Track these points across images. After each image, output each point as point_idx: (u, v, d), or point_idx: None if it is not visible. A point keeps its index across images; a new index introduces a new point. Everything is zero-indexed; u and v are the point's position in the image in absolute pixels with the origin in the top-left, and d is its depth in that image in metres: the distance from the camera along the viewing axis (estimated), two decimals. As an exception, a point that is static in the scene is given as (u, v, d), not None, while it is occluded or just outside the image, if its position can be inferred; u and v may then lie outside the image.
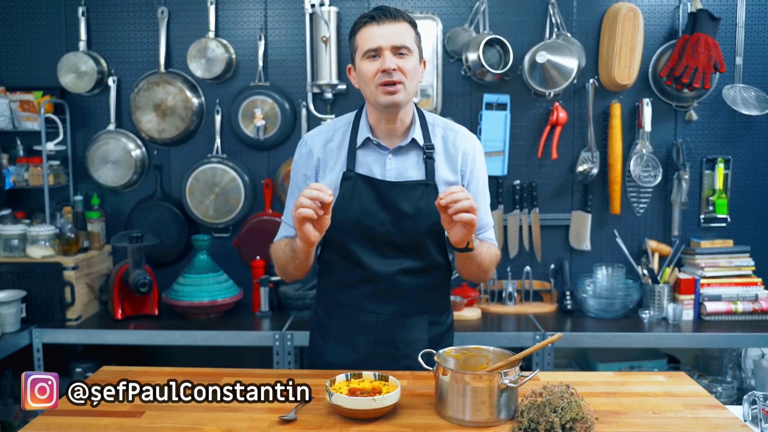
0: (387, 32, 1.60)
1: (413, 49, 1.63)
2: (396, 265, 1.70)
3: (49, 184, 2.89)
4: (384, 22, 1.61)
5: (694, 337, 2.67)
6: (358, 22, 1.65)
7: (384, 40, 1.60)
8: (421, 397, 1.52)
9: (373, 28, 1.61)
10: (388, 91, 1.60)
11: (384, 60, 1.59)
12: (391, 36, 1.60)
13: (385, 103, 1.62)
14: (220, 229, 3.09)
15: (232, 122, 3.00)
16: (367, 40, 1.62)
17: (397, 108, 1.64)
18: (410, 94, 1.64)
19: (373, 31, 1.61)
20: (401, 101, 1.62)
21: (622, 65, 2.82)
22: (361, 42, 1.63)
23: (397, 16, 1.62)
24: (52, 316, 2.72)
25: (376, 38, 1.60)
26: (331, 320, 1.80)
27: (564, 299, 2.93)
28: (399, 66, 1.60)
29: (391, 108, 1.63)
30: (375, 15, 1.62)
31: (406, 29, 1.63)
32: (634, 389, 1.59)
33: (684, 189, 2.95)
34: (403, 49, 1.61)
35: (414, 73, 1.64)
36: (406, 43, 1.61)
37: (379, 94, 1.62)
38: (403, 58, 1.61)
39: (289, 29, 3.01)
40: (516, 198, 3.01)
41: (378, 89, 1.61)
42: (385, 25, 1.60)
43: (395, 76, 1.59)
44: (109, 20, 3.03)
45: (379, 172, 1.70)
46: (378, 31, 1.60)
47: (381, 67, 1.59)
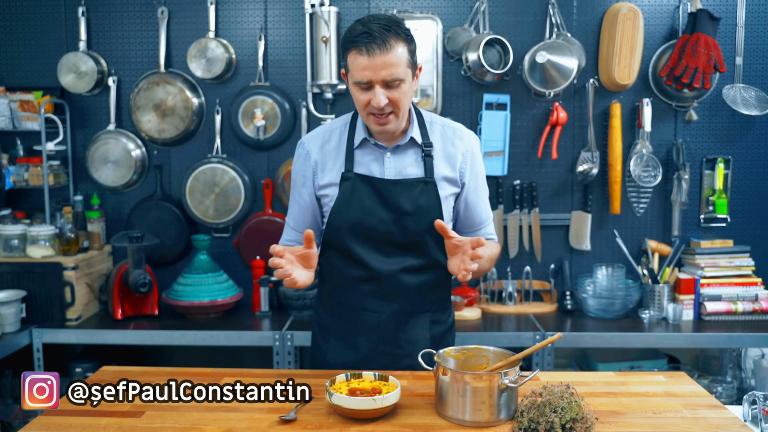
0: (377, 64, 1.53)
1: (405, 75, 1.57)
2: (397, 264, 1.70)
3: (49, 184, 2.89)
4: (374, 52, 1.52)
5: (694, 337, 2.67)
6: (347, 44, 1.57)
7: (374, 73, 1.54)
8: (421, 397, 1.52)
9: (362, 58, 1.53)
10: (379, 122, 1.61)
11: (375, 95, 1.56)
12: (380, 68, 1.53)
13: (376, 131, 1.66)
14: (220, 229, 3.09)
15: (232, 122, 3.00)
16: (357, 71, 1.55)
17: (389, 133, 1.66)
18: (403, 117, 1.64)
19: (362, 62, 1.54)
20: (392, 129, 1.64)
21: (622, 65, 2.82)
22: (352, 69, 1.57)
23: (386, 41, 1.52)
24: (52, 316, 2.72)
25: (366, 72, 1.54)
26: (333, 320, 1.80)
27: (564, 299, 2.93)
28: (390, 98, 1.57)
29: (382, 134, 1.67)
30: (364, 45, 1.52)
31: (398, 55, 1.54)
32: (634, 389, 1.59)
33: (684, 189, 2.95)
34: (394, 82, 1.56)
35: (406, 97, 1.60)
36: (398, 74, 1.55)
37: (371, 123, 1.64)
38: (394, 89, 1.57)
39: (289, 29, 3.01)
40: (516, 198, 3.01)
41: (369, 117, 1.62)
42: (375, 55, 1.52)
43: (386, 110, 1.59)
44: (109, 20, 3.03)
45: (378, 170, 1.70)
46: (367, 62, 1.53)
47: (372, 102, 1.57)
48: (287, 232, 1.82)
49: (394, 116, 1.61)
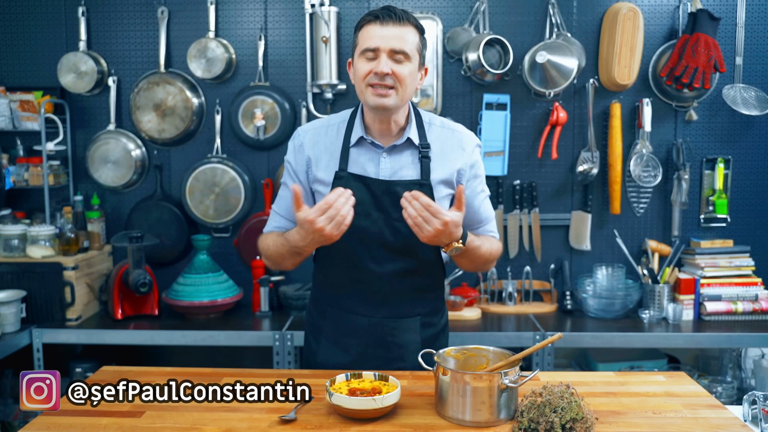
0: (388, 34, 1.57)
1: (413, 55, 1.59)
2: (389, 267, 1.69)
3: (49, 184, 2.89)
4: (387, 24, 1.57)
5: (694, 337, 2.67)
6: (364, 19, 1.62)
7: (383, 41, 1.57)
8: (421, 397, 1.52)
9: (375, 27, 1.58)
10: (377, 93, 1.58)
11: (379, 62, 1.57)
12: (391, 38, 1.57)
13: (373, 104, 1.60)
14: (220, 229, 3.09)
15: (232, 122, 3.00)
16: (366, 39, 1.59)
17: (386, 112, 1.62)
18: (402, 100, 1.62)
19: (374, 31, 1.58)
20: (390, 106, 1.60)
21: (622, 65, 2.82)
22: (362, 40, 1.61)
23: (402, 18, 1.58)
24: (52, 316, 2.72)
25: (376, 38, 1.57)
26: (325, 321, 1.80)
27: (564, 299, 2.93)
28: (393, 70, 1.57)
29: (379, 110, 1.62)
30: (380, 14, 1.58)
31: (410, 33, 1.59)
32: (634, 389, 1.59)
33: (684, 189, 2.95)
34: (400, 54, 1.57)
35: (410, 79, 1.60)
36: (406, 48, 1.57)
37: (368, 95, 1.60)
38: (400, 63, 1.58)
39: (289, 29, 3.01)
40: (516, 198, 3.01)
41: (368, 89, 1.59)
42: (389, 26, 1.57)
43: (387, 81, 1.57)
44: (109, 20, 3.03)
45: (373, 170, 1.68)
46: (379, 31, 1.57)
47: (375, 68, 1.57)
48: (274, 219, 1.79)
49: (394, 92, 1.59)
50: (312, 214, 1.48)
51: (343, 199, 1.48)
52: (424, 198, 1.48)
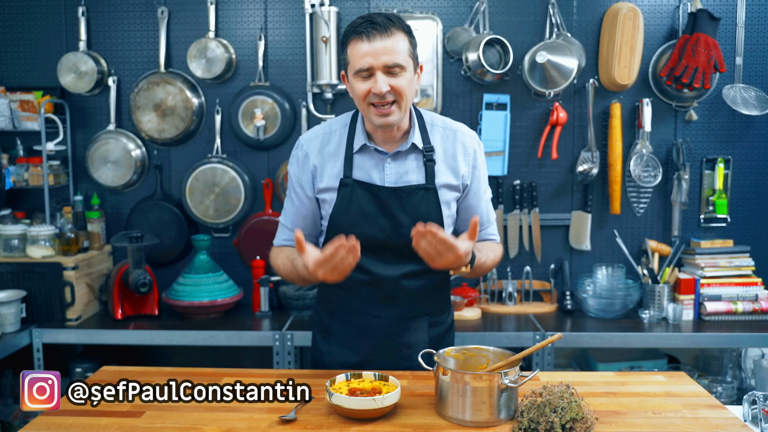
0: (378, 49, 1.51)
1: (407, 64, 1.55)
2: (398, 270, 1.70)
3: (49, 184, 2.89)
4: (374, 38, 1.51)
5: (694, 337, 2.67)
6: (348, 34, 1.56)
7: (374, 59, 1.52)
8: (421, 397, 1.52)
9: (362, 44, 1.52)
10: (381, 113, 1.56)
11: (375, 82, 1.53)
12: (381, 54, 1.51)
13: (378, 124, 1.59)
14: (220, 229, 3.09)
15: (232, 122, 3.00)
16: (357, 58, 1.53)
17: (391, 127, 1.62)
18: (405, 110, 1.60)
19: (363, 48, 1.52)
20: (394, 122, 1.59)
21: (622, 65, 2.82)
22: (352, 59, 1.55)
23: (387, 28, 1.52)
24: (52, 316, 2.72)
25: (367, 57, 1.52)
26: (333, 322, 1.80)
27: (564, 299, 2.93)
28: (392, 86, 1.54)
29: (385, 127, 1.61)
30: (364, 30, 1.52)
31: (399, 41, 1.54)
32: (634, 389, 1.59)
33: (684, 189, 2.95)
34: (395, 68, 1.53)
35: (409, 88, 1.57)
36: (399, 59, 1.53)
37: (372, 115, 1.58)
38: (396, 77, 1.54)
39: (289, 29, 3.01)
40: (516, 198, 3.01)
41: (370, 108, 1.57)
42: (376, 41, 1.51)
43: (388, 97, 1.55)
44: (109, 20, 3.03)
45: (378, 177, 1.67)
46: (368, 48, 1.52)
47: (373, 89, 1.54)
48: (283, 232, 1.79)
49: (396, 107, 1.57)
50: (311, 266, 1.46)
51: (343, 251, 1.44)
52: (440, 234, 1.44)
